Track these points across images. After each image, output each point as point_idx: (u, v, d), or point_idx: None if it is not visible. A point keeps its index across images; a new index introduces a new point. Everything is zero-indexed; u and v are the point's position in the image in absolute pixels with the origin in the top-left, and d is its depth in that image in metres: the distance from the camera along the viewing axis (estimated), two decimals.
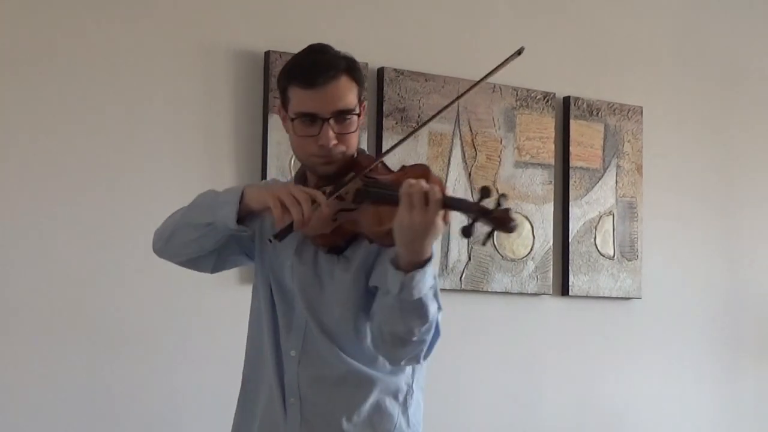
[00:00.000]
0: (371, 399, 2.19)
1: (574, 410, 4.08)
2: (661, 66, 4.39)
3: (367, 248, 2.16)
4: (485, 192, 1.94)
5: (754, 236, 4.55)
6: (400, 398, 2.23)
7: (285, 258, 2.25)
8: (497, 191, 3.68)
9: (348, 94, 2.16)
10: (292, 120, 2.17)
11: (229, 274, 3.41)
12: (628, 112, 4.23)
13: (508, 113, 3.97)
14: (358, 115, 2.19)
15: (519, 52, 2.19)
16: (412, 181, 1.97)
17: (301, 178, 2.28)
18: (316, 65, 2.15)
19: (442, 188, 1.99)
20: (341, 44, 2.23)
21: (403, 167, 2.18)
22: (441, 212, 1.95)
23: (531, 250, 3.97)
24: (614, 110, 4.20)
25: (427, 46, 3.87)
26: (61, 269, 3.23)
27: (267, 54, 3.53)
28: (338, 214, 2.13)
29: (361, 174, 2.13)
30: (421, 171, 2.10)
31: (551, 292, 4.02)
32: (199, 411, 3.37)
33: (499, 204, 1.91)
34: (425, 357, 2.15)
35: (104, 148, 3.31)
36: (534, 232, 3.97)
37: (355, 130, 2.19)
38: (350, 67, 2.18)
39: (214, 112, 3.48)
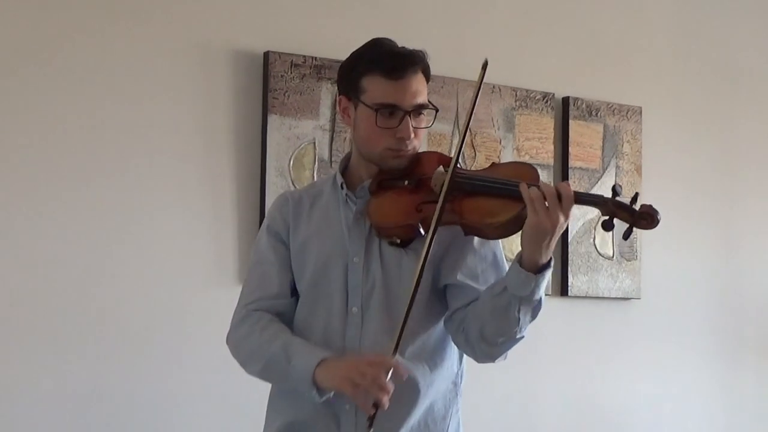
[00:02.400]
0: (426, 401, 2.16)
1: (573, 410, 4.08)
2: (661, 66, 4.39)
3: (438, 241, 2.09)
4: (617, 190, 1.99)
5: (753, 236, 4.55)
6: (450, 397, 2.22)
7: (337, 257, 2.18)
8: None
9: (425, 89, 2.19)
10: (375, 110, 2.13)
11: (229, 274, 3.41)
12: (627, 113, 4.23)
13: (507, 113, 3.97)
14: (436, 109, 2.20)
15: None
16: (543, 183, 1.99)
17: (344, 170, 2.25)
18: (402, 56, 2.16)
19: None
20: (340, 44, 2.23)
21: (494, 164, 2.23)
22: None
23: None
24: (613, 110, 4.20)
25: (426, 46, 3.81)
26: (59, 269, 3.22)
27: (266, 54, 3.52)
28: (422, 206, 2.11)
29: (453, 168, 2.11)
30: (528, 169, 2.14)
31: (550, 293, 4.01)
32: (199, 412, 3.37)
33: (635, 200, 1.97)
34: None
35: (103, 148, 3.31)
36: None
37: (427, 127, 2.20)
38: (426, 65, 2.21)
39: (213, 112, 3.48)
